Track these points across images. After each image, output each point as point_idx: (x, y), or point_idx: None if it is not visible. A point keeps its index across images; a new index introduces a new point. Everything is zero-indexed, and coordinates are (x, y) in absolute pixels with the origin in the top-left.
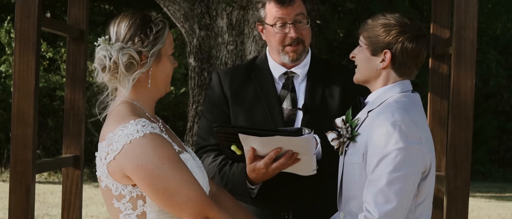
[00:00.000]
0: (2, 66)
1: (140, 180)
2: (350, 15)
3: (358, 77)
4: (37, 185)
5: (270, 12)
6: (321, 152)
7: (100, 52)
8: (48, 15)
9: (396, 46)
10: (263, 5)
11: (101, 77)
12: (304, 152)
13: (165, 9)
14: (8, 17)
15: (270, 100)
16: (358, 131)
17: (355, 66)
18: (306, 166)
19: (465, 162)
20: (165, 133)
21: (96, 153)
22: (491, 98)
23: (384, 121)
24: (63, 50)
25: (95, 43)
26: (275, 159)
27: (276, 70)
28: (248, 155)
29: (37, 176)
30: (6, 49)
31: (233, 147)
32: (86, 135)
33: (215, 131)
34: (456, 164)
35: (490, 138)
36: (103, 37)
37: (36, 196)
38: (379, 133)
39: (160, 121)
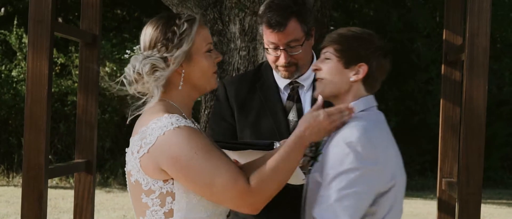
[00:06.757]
0: (14, 71)
1: (176, 172)
2: (366, 22)
3: (324, 90)
4: (48, 190)
5: (265, 33)
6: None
7: (128, 65)
8: (59, 20)
9: (372, 60)
10: (261, 23)
11: (134, 88)
12: None
13: None
14: (15, 22)
15: (276, 112)
16: (322, 150)
17: (315, 80)
18: (293, 176)
19: (477, 169)
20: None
21: (126, 149)
22: (504, 105)
23: (340, 141)
24: (74, 55)
25: (126, 53)
26: None
27: (281, 80)
28: None
29: (48, 181)
30: (18, 54)
31: None
32: (98, 141)
33: None
34: (469, 171)
35: (502, 145)
36: (137, 46)
37: (47, 201)
38: (335, 152)
39: (196, 123)
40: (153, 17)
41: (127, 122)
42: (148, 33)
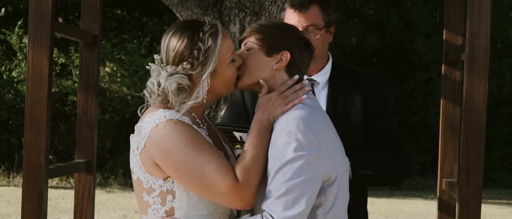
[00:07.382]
0: (14, 71)
1: (167, 165)
2: (365, 22)
3: (247, 80)
4: (48, 190)
5: (286, 15)
6: None
7: (151, 78)
8: (60, 20)
9: (294, 48)
10: (284, 8)
11: (154, 100)
12: None
13: (177, 15)
14: (19, 22)
15: None
16: None
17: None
18: None
19: (477, 169)
20: (205, 132)
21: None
22: (504, 105)
23: (280, 132)
24: (74, 55)
25: (148, 65)
26: None
27: None
28: None
29: (48, 181)
30: (18, 54)
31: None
32: (98, 141)
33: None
34: (469, 171)
35: (503, 145)
36: (158, 56)
37: (47, 201)
38: (276, 145)
39: (207, 123)
40: (153, 16)
41: (139, 112)
42: (172, 46)
